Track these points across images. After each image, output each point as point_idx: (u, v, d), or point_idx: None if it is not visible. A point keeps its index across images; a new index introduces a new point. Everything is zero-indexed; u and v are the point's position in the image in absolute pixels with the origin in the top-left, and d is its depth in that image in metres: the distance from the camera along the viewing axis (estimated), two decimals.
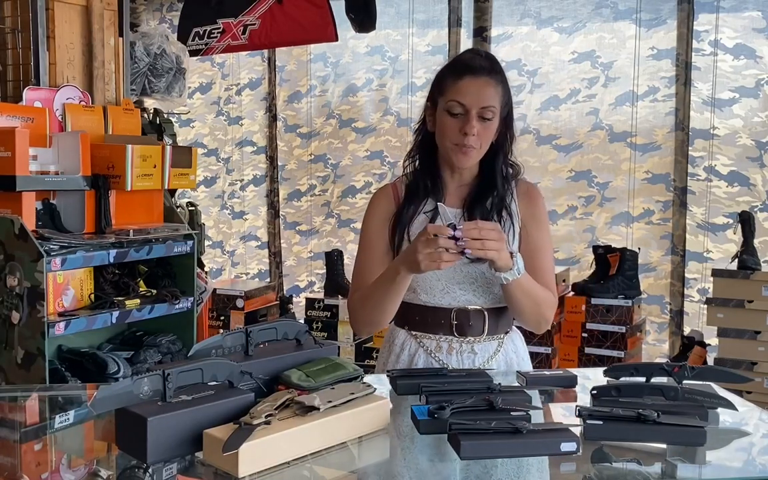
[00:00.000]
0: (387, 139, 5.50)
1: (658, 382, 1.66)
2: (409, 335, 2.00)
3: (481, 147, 1.90)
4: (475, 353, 1.95)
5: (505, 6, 4.99)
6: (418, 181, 1.99)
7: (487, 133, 1.89)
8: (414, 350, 1.99)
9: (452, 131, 1.88)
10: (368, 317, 1.96)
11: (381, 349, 2.11)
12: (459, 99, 1.86)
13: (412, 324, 2.00)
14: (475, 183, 1.98)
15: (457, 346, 1.95)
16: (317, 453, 1.37)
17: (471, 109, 1.86)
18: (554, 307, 1.97)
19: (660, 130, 4.64)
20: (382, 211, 1.98)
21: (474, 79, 1.87)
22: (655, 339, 4.74)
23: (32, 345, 2.74)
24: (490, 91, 1.87)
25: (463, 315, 1.94)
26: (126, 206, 3.20)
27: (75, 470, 1.50)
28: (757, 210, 4.32)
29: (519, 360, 2.01)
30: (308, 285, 5.93)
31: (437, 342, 1.96)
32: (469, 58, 1.93)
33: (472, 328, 1.95)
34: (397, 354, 2.01)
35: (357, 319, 2.03)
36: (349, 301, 2.05)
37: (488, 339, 1.96)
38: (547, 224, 2.04)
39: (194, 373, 1.39)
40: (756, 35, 4.37)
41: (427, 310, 1.96)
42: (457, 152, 1.90)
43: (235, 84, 6.10)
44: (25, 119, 2.91)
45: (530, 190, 2.03)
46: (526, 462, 1.38)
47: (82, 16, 3.27)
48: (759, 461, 1.54)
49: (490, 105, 1.87)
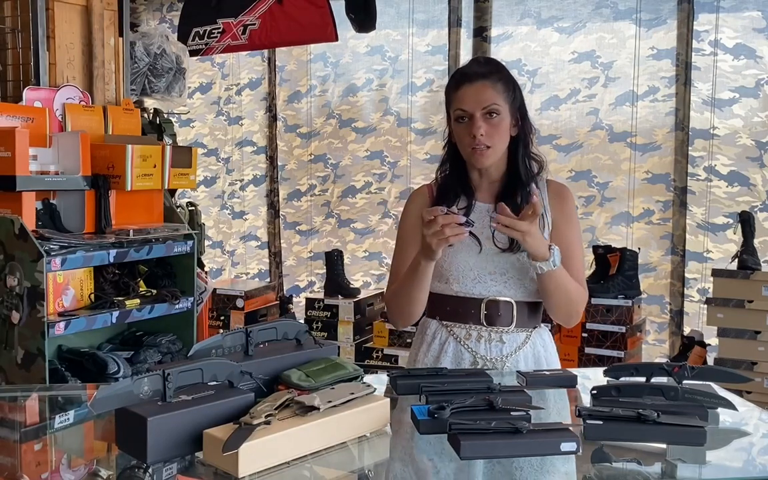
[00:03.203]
0: (387, 139, 5.50)
1: (658, 382, 1.66)
2: (441, 325, 2.07)
3: (495, 145, 1.98)
4: (503, 343, 2.01)
5: (505, 6, 4.98)
6: (450, 184, 2.09)
7: (498, 131, 1.97)
8: (444, 339, 2.06)
9: (464, 137, 1.99)
10: (401, 310, 2.04)
11: (414, 340, 2.18)
12: (461, 106, 1.98)
13: (443, 314, 2.06)
14: (503, 179, 2.06)
15: (486, 335, 2.01)
16: (317, 453, 1.37)
17: (474, 113, 1.96)
18: (584, 303, 2.05)
19: (660, 130, 4.64)
20: (417, 211, 2.03)
21: (471, 85, 1.98)
22: (655, 339, 4.73)
23: (32, 345, 2.74)
24: (489, 92, 1.96)
25: (493, 305, 2.01)
26: (126, 206, 3.20)
27: (75, 470, 1.50)
28: (757, 210, 4.32)
29: (547, 355, 2.07)
30: (308, 285, 5.93)
31: (467, 330, 2.03)
32: (466, 67, 2.06)
33: (501, 319, 2.01)
34: (429, 343, 2.08)
35: (392, 312, 2.12)
36: (386, 296, 2.16)
37: (516, 330, 2.03)
38: (577, 223, 2.11)
39: (194, 373, 1.39)
40: (756, 35, 4.37)
41: (459, 300, 2.02)
42: (472, 155, 1.99)
43: (235, 84, 6.10)
44: (25, 119, 2.91)
45: (561, 191, 2.11)
46: (539, 461, 1.38)
47: (82, 16, 3.28)
48: (759, 461, 1.55)
49: (491, 103, 1.96)
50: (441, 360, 2.03)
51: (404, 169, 5.42)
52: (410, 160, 5.39)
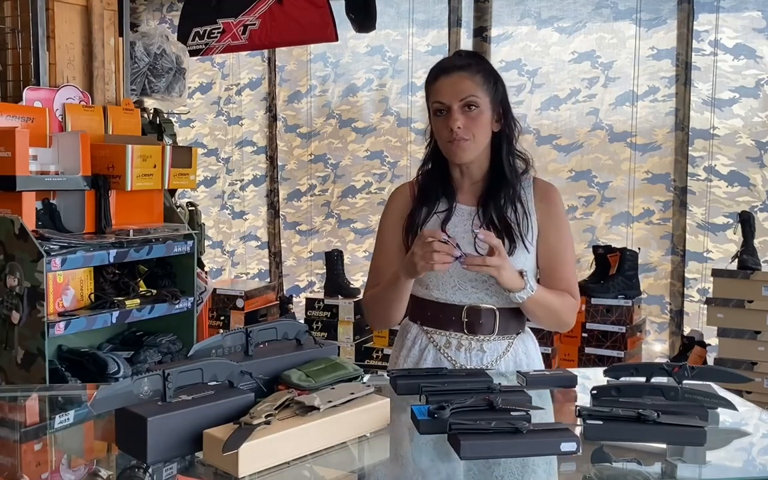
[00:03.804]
0: (387, 139, 5.50)
1: (658, 382, 1.66)
2: (421, 330, 2.03)
3: (475, 138, 1.92)
4: (484, 352, 1.96)
5: (505, 6, 4.98)
6: (431, 183, 2.02)
7: (477, 123, 1.91)
8: (424, 346, 2.01)
9: (442, 130, 1.94)
10: (379, 316, 2.03)
11: (395, 342, 2.14)
12: (438, 99, 1.93)
13: (424, 319, 2.02)
14: (486, 179, 2.00)
15: (467, 344, 1.96)
16: (317, 453, 1.37)
17: (451, 104, 1.90)
18: (575, 310, 2.00)
19: (660, 130, 4.64)
20: (398, 210, 2.02)
21: (447, 76, 1.92)
22: (655, 339, 4.73)
23: (32, 345, 2.73)
24: (466, 83, 1.91)
25: (474, 313, 1.95)
26: (126, 206, 3.20)
27: (75, 470, 1.50)
28: (757, 210, 4.32)
29: (529, 362, 2.01)
30: (308, 285, 5.93)
31: (447, 338, 1.98)
32: (444, 60, 2.01)
33: (483, 327, 1.96)
34: (409, 348, 2.04)
35: (369, 316, 2.09)
36: (364, 297, 2.12)
37: (498, 338, 1.97)
38: (565, 225, 2.04)
39: (194, 373, 1.39)
40: (756, 35, 4.37)
41: (439, 306, 1.98)
42: (450, 148, 1.93)
43: (235, 84, 6.10)
44: (25, 119, 2.91)
45: (548, 191, 2.03)
46: (530, 462, 1.38)
47: (82, 16, 3.27)
48: (759, 461, 1.54)
49: (469, 95, 1.90)
50: (421, 366, 1.98)
51: (404, 169, 5.42)
52: (410, 160, 5.39)
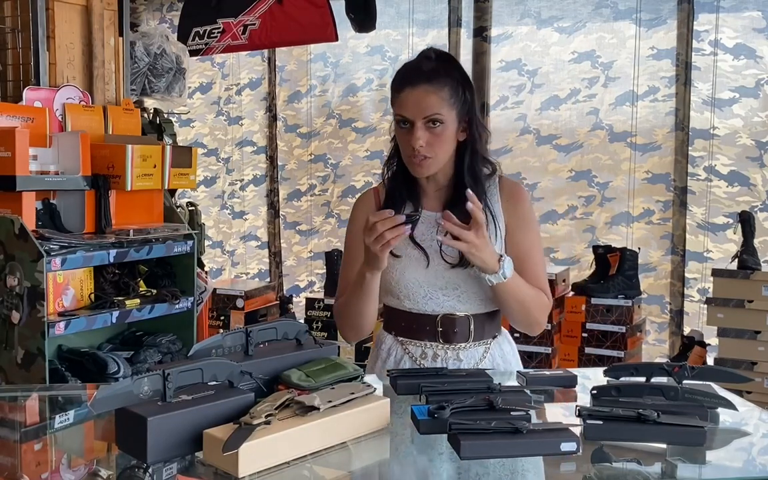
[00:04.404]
0: (387, 139, 5.44)
1: (658, 382, 1.66)
2: (396, 341, 1.98)
3: (437, 155, 1.84)
4: (461, 360, 1.92)
5: (505, 6, 4.98)
6: (396, 188, 1.96)
7: (440, 141, 1.83)
8: (399, 357, 1.97)
9: (404, 143, 1.87)
10: (351, 324, 1.95)
11: (371, 351, 2.10)
12: (402, 112, 1.84)
13: (398, 329, 1.98)
14: (451, 185, 1.93)
15: (442, 353, 1.92)
16: (317, 453, 1.37)
17: (415, 120, 1.82)
18: (547, 310, 1.95)
19: (660, 130, 4.64)
20: (363, 216, 1.90)
21: (412, 89, 1.82)
22: (655, 339, 4.73)
23: (32, 345, 2.74)
24: (431, 99, 1.81)
25: (449, 322, 1.91)
26: (126, 206, 3.20)
27: (75, 470, 1.50)
28: (757, 210, 4.32)
29: (506, 365, 1.98)
30: (308, 285, 5.93)
31: (422, 349, 1.94)
32: (410, 67, 1.88)
33: (458, 335, 1.92)
34: (384, 359, 1.99)
35: (342, 327, 2.01)
36: (334, 307, 2.04)
37: (474, 345, 1.94)
38: (534, 224, 1.99)
39: (194, 373, 1.38)
40: (756, 35, 4.37)
41: (413, 316, 1.93)
42: (411, 164, 1.87)
43: (235, 84, 6.10)
44: (25, 119, 2.91)
45: (514, 191, 1.97)
46: (530, 462, 1.37)
47: (82, 16, 3.27)
48: (759, 461, 1.54)
49: (433, 113, 1.81)
50: None
51: None
52: None
